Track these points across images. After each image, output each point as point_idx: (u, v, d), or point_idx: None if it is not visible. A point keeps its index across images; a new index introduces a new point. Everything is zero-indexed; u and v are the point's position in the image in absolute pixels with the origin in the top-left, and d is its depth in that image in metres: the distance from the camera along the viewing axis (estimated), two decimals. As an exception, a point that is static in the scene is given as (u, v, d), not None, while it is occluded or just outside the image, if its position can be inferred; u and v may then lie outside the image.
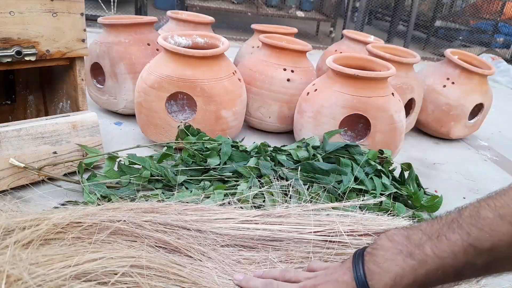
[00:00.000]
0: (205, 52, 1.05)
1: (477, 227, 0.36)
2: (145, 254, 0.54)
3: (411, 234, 0.41)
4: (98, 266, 0.48)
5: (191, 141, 1.00)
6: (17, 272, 0.44)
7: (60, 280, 0.45)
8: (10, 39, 0.85)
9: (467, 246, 0.36)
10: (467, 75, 1.43)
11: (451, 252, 0.37)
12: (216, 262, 0.59)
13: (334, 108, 1.06)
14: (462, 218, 0.38)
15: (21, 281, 0.43)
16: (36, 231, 0.54)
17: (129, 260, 0.51)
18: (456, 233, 0.37)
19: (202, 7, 3.35)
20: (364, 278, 0.42)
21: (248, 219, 0.69)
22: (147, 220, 0.62)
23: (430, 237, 0.39)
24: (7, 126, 0.84)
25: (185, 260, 0.57)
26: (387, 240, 0.43)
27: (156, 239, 0.59)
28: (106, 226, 0.59)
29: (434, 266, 0.38)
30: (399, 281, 0.39)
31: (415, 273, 0.39)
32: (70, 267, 0.47)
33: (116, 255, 0.52)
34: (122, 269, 0.49)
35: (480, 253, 0.36)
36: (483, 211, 0.36)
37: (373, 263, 0.42)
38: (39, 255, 0.49)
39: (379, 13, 4.98)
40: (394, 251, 0.41)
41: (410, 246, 0.40)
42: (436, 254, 0.38)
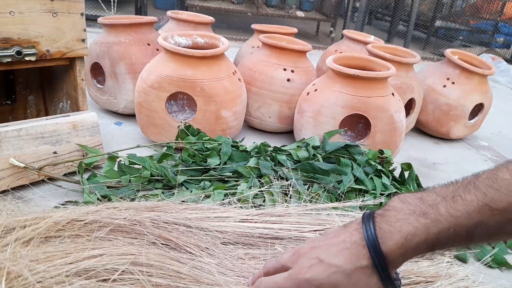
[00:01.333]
0: (205, 52, 1.05)
1: (494, 188, 0.36)
2: (145, 251, 0.54)
3: (425, 196, 0.41)
4: (98, 263, 0.48)
5: (191, 141, 1.00)
6: (18, 269, 0.44)
7: (60, 276, 0.45)
8: (10, 39, 0.85)
9: (482, 206, 0.37)
10: (467, 75, 1.43)
11: (466, 212, 0.37)
12: (217, 258, 0.59)
13: (334, 108, 1.06)
14: (479, 180, 0.38)
15: (21, 278, 0.44)
16: (36, 229, 0.54)
17: (130, 257, 0.51)
18: (472, 194, 0.38)
19: (202, 7, 3.35)
20: (375, 237, 0.41)
21: (248, 217, 0.69)
22: (147, 217, 0.62)
23: (445, 198, 0.39)
24: (7, 126, 0.84)
25: (185, 256, 0.58)
26: (399, 201, 0.42)
27: (157, 235, 0.59)
28: (106, 223, 0.59)
29: (447, 225, 0.38)
30: (410, 239, 0.39)
31: (427, 232, 0.39)
32: (70, 264, 0.47)
33: (116, 252, 0.52)
34: (122, 267, 0.49)
35: (493, 214, 0.36)
36: (501, 174, 0.37)
37: (384, 223, 0.41)
38: (39, 252, 0.49)
39: (379, 13, 4.98)
40: (406, 211, 0.40)
41: (423, 206, 0.40)
42: (450, 213, 0.38)
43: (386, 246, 0.40)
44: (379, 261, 0.41)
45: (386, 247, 0.40)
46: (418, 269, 0.64)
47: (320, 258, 0.44)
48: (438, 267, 0.67)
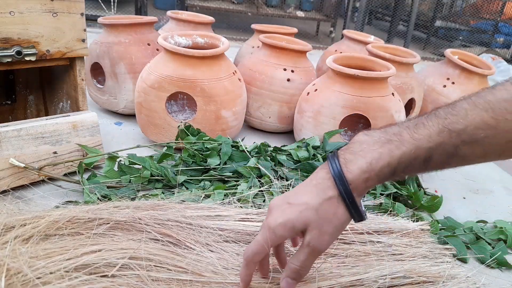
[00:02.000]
0: (205, 52, 1.05)
1: (452, 114, 0.41)
2: (144, 245, 0.54)
3: (388, 128, 0.44)
4: (97, 258, 0.49)
5: (191, 141, 1.00)
6: (17, 265, 0.44)
7: (59, 272, 0.45)
8: (10, 39, 0.85)
9: (441, 128, 0.40)
10: (467, 75, 1.43)
11: (427, 135, 0.41)
12: (217, 253, 0.59)
13: (334, 108, 1.06)
14: (439, 110, 0.42)
15: (21, 274, 0.44)
16: (36, 227, 0.54)
17: (129, 252, 0.51)
18: (434, 120, 0.41)
19: (202, 7, 3.35)
20: (339, 166, 0.43)
21: (248, 216, 0.70)
22: (148, 215, 0.62)
23: (408, 127, 0.43)
24: (7, 126, 0.84)
25: (185, 251, 0.58)
26: (363, 135, 0.45)
27: (157, 231, 0.60)
28: (106, 220, 0.59)
29: (409, 148, 0.41)
30: (374, 164, 0.42)
31: (390, 155, 0.41)
32: (70, 260, 0.47)
33: (116, 247, 0.52)
34: (122, 261, 0.49)
35: (451, 136, 0.40)
36: (459, 103, 0.41)
37: (349, 153, 0.43)
38: (38, 249, 0.49)
39: (379, 13, 4.98)
40: (370, 142, 0.43)
41: (387, 135, 0.43)
42: (413, 137, 0.41)
43: (350, 172, 0.42)
44: (344, 189, 0.42)
45: (350, 174, 0.42)
46: (420, 269, 0.64)
47: (289, 202, 0.46)
48: (440, 267, 0.67)
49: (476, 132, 0.39)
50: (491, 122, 0.38)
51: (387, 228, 0.73)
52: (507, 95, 0.38)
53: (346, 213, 0.44)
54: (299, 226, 0.44)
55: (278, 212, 0.46)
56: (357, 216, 0.45)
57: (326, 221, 0.43)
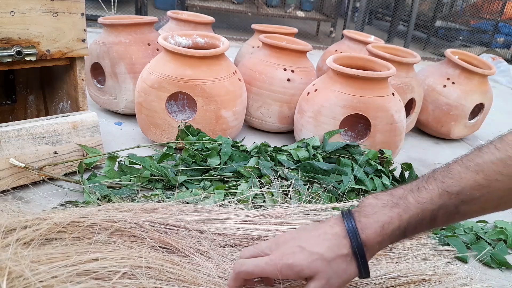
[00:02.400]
0: (205, 52, 1.05)
1: (449, 177, 0.45)
2: (145, 254, 0.54)
3: (394, 192, 0.48)
4: (98, 266, 0.49)
5: (191, 141, 1.00)
6: (19, 269, 0.44)
7: (61, 277, 0.45)
8: (11, 39, 0.85)
9: (441, 192, 0.45)
10: (467, 75, 1.43)
11: (429, 198, 0.45)
12: (216, 262, 0.59)
13: (334, 108, 1.06)
14: (435, 173, 0.47)
15: (23, 278, 0.44)
16: (37, 230, 0.54)
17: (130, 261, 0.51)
18: (433, 184, 0.46)
19: (202, 7, 3.35)
20: (356, 228, 0.47)
21: (248, 219, 0.69)
22: (147, 220, 0.62)
23: (411, 190, 0.47)
24: (7, 126, 0.84)
25: (184, 260, 0.58)
26: (373, 198, 0.49)
27: (156, 239, 0.59)
28: (106, 226, 0.59)
29: (415, 211, 0.46)
30: (386, 227, 0.46)
31: (400, 219, 0.46)
32: (72, 266, 0.47)
33: (117, 256, 0.52)
34: (123, 270, 0.49)
35: (450, 197, 0.45)
36: (453, 166, 0.46)
37: (363, 216, 0.47)
38: (40, 254, 0.49)
39: (379, 13, 4.98)
40: (380, 205, 0.47)
41: (394, 199, 0.47)
42: (417, 201, 0.46)
43: (365, 235, 0.46)
44: (358, 250, 0.46)
45: (365, 236, 0.46)
46: (416, 269, 0.64)
47: (302, 246, 0.48)
48: (435, 265, 0.67)
49: (472, 192, 0.44)
50: (484, 183, 0.43)
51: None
52: (494, 157, 0.43)
53: (356, 271, 0.47)
54: (307, 272, 0.47)
55: (288, 251, 0.48)
56: (365, 274, 0.48)
57: (336, 275, 0.47)
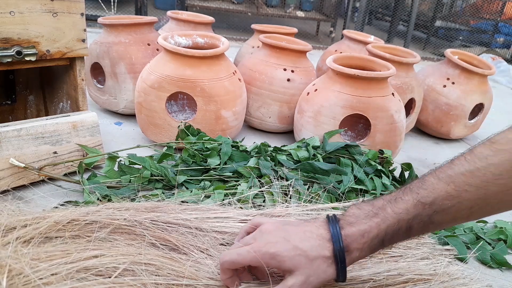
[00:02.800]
0: (205, 52, 1.05)
1: (423, 188, 0.48)
2: (144, 251, 0.54)
3: (375, 202, 0.51)
4: (98, 262, 0.49)
5: (191, 141, 1.00)
6: (19, 266, 0.44)
7: (61, 274, 0.46)
8: (11, 39, 0.85)
9: (416, 202, 0.48)
10: (467, 75, 1.43)
11: (405, 208, 0.48)
12: (216, 260, 0.59)
13: (334, 108, 1.06)
14: (412, 185, 0.50)
15: (23, 275, 0.44)
16: (37, 228, 0.54)
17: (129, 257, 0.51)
18: (409, 195, 0.49)
19: (202, 7, 3.35)
20: (340, 234, 0.49)
21: (248, 218, 0.69)
22: (148, 218, 0.62)
23: (390, 201, 0.50)
24: (7, 126, 0.84)
25: (184, 257, 0.58)
26: (356, 208, 0.52)
27: (156, 237, 0.60)
28: (106, 224, 0.59)
29: (392, 221, 0.48)
30: (366, 235, 0.49)
31: (378, 228, 0.49)
32: (72, 263, 0.47)
33: (116, 252, 0.52)
34: (122, 266, 0.49)
35: (424, 207, 0.47)
36: (427, 177, 0.49)
37: (347, 224, 0.50)
38: (40, 251, 0.50)
39: (379, 13, 4.98)
40: (362, 215, 0.50)
41: (374, 209, 0.50)
42: (394, 211, 0.49)
43: (347, 242, 0.49)
44: (340, 254, 0.49)
45: (347, 243, 0.49)
46: (416, 268, 0.64)
47: (286, 238, 0.50)
48: (436, 265, 0.67)
49: (444, 203, 0.46)
50: (454, 194, 0.46)
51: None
52: (463, 169, 0.46)
53: (334, 273, 0.50)
54: (288, 264, 0.49)
55: (272, 240, 0.50)
56: (342, 278, 0.51)
57: (315, 274, 0.49)
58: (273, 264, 0.49)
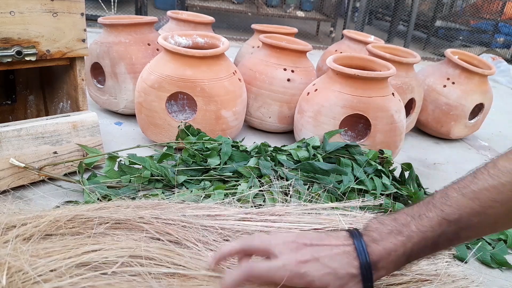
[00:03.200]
0: (205, 52, 1.05)
1: (447, 205, 0.47)
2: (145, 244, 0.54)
3: (398, 217, 0.50)
4: (98, 256, 0.49)
5: (191, 141, 1.00)
6: (18, 263, 0.45)
7: (60, 270, 0.46)
8: (11, 39, 0.85)
9: (441, 220, 0.47)
10: (467, 75, 1.43)
11: (430, 226, 0.47)
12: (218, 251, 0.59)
13: (334, 108, 1.06)
14: (435, 200, 0.48)
15: (22, 272, 0.44)
16: (37, 226, 0.54)
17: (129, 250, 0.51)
18: (433, 211, 0.47)
19: (202, 7, 3.35)
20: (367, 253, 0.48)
21: (248, 216, 0.70)
22: (148, 213, 0.62)
23: (413, 217, 0.49)
24: (7, 126, 0.84)
25: (185, 250, 0.58)
26: (377, 222, 0.50)
27: (157, 229, 0.60)
28: (106, 220, 0.59)
29: (418, 240, 0.47)
30: (393, 254, 0.48)
31: (404, 247, 0.48)
32: (70, 258, 0.48)
33: (116, 246, 0.52)
34: (122, 259, 0.50)
35: (450, 224, 0.46)
36: (450, 192, 0.48)
37: (372, 241, 0.49)
38: (39, 248, 0.50)
39: (379, 13, 4.98)
40: (386, 231, 0.49)
41: (398, 226, 0.49)
42: (419, 229, 0.47)
43: (373, 260, 0.48)
44: (367, 274, 0.48)
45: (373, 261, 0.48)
46: (417, 267, 0.64)
47: (315, 256, 0.49)
48: (437, 266, 0.67)
49: (470, 219, 0.46)
50: (480, 210, 0.45)
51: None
52: (487, 184, 0.46)
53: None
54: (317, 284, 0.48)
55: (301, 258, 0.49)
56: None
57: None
58: (300, 283, 0.48)
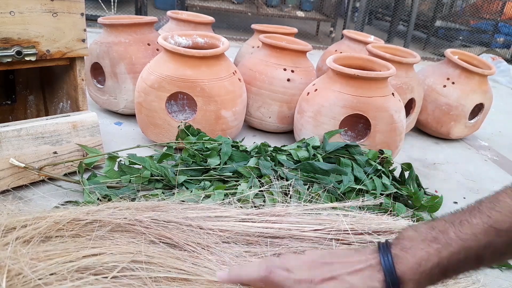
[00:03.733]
0: (205, 52, 1.05)
1: (496, 210, 0.39)
2: (145, 249, 0.54)
3: (435, 224, 0.43)
4: (98, 261, 0.49)
5: (191, 141, 1.00)
6: (18, 267, 0.44)
7: (60, 274, 0.45)
8: (11, 39, 0.85)
9: (487, 228, 0.39)
10: (467, 75, 1.43)
11: (473, 234, 0.40)
12: (217, 255, 0.59)
13: (334, 108, 1.06)
14: (482, 205, 0.41)
15: (22, 275, 0.44)
16: (37, 228, 0.54)
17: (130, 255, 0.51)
18: (478, 217, 0.40)
19: (202, 7, 3.35)
20: (392, 263, 0.43)
21: (248, 217, 0.69)
22: (148, 217, 0.62)
23: (453, 223, 0.42)
24: (7, 126, 0.84)
25: (185, 254, 0.58)
26: (412, 230, 0.44)
27: (157, 234, 0.59)
28: (106, 223, 0.59)
29: (457, 249, 0.40)
30: (424, 264, 0.41)
31: (439, 256, 0.41)
32: (71, 262, 0.47)
33: (117, 250, 0.52)
34: (123, 264, 0.49)
35: (499, 234, 0.39)
36: (501, 197, 0.40)
37: (399, 249, 0.43)
38: (39, 251, 0.50)
39: (379, 13, 4.98)
40: (419, 239, 0.43)
41: (434, 232, 0.42)
42: (459, 237, 0.40)
43: (401, 271, 0.42)
44: (393, 285, 0.42)
45: (401, 272, 0.42)
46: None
47: (333, 275, 0.45)
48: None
49: None
50: None
51: (387, 228, 0.73)
52: None
53: None
54: None
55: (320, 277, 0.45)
56: None
57: None
58: None
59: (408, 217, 0.82)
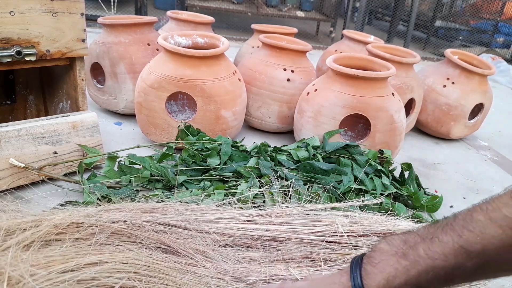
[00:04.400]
0: (205, 52, 1.05)
1: (468, 229, 0.36)
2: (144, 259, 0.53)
3: (408, 237, 0.42)
4: (98, 271, 0.48)
5: (191, 141, 1.00)
6: (18, 274, 0.44)
7: (61, 283, 0.45)
8: (10, 39, 0.85)
9: (458, 248, 0.36)
10: (467, 75, 1.43)
11: (442, 254, 0.37)
12: (215, 262, 0.59)
13: (334, 108, 1.06)
14: (455, 221, 0.38)
15: (22, 283, 0.43)
16: (36, 232, 0.54)
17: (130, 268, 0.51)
18: (448, 235, 0.37)
19: (202, 7, 3.35)
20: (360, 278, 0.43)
21: (248, 219, 0.69)
22: (147, 221, 0.62)
23: (424, 239, 0.40)
24: (7, 126, 0.84)
25: (184, 261, 0.57)
26: (385, 243, 0.43)
27: (155, 240, 0.59)
28: (106, 227, 0.59)
29: (425, 267, 0.38)
30: (391, 280, 0.40)
31: (407, 274, 0.39)
32: (72, 272, 0.47)
33: (116, 259, 0.51)
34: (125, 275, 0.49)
35: (470, 256, 0.36)
36: (475, 214, 0.37)
37: (369, 264, 0.43)
38: (40, 257, 0.49)
39: (379, 13, 4.98)
40: (390, 253, 0.42)
41: (405, 247, 0.41)
42: (428, 255, 0.38)
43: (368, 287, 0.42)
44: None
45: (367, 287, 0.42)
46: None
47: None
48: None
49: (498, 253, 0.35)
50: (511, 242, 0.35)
51: (387, 230, 0.73)
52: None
53: None
54: None
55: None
56: None
57: None
58: None
59: (408, 217, 0.82)
